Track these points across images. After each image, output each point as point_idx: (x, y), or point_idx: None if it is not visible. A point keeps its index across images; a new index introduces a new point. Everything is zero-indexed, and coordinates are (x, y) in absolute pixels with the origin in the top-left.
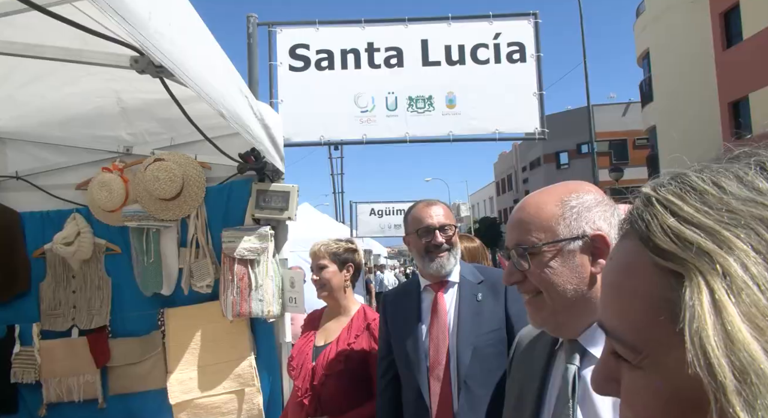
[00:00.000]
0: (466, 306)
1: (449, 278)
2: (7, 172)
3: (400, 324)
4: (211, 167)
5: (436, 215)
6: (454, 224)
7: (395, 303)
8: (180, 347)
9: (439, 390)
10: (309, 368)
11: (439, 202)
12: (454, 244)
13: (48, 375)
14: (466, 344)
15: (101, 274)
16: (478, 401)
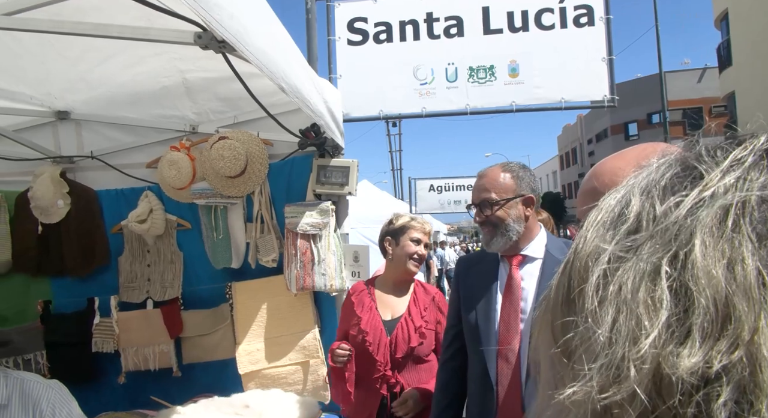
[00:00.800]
0: (546, 284)
1: (526, 252)
2: (83, 152)
3: (472, 295)
4: (273, 144)
5: (475, 189)
6: (494, 198)
7: (469, 271)
8: (247, 319)
9: (509, 372)
10: (386, 342)
11: (486, 172)
12: (498, 221)
13: (125, 345)
14: None
15: (173, 249)
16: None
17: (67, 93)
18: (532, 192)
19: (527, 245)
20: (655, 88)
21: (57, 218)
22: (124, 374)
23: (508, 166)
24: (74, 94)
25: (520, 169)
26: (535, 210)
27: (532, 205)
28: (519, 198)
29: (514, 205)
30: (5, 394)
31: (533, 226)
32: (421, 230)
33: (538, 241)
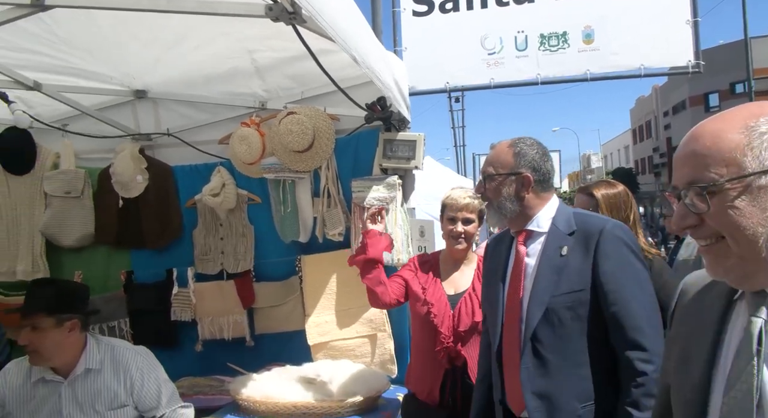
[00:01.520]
0: (546, 260)
1: (531, 227)
2: (160, 129)
3: (488, 273)
4: (339, 119)
5: (484, 161)
6: (491, 172)
7: (491, 249)
8: (316, 291)
9: (510, 349)
10: (450, 315)
11: (495, 145)
12: (491, 196)
13: (202, 314)
14: (538, 303)
15: (245, 222)
16: (547, 368)
17: (144, 73)
18: (533, 172)
19: (532, 221)
20: (739, 56)
21: (136, 192)
22: (201, 342)
23: (518, 141)
24: (150, 74)
25: (528, 146)
26: (541, 190)
27: (528, 185)
28: (513, 176)
29: (509, 183)
30: (98, 359)
31: (536, 204)
32: (455, 208)
33: (544, 215)
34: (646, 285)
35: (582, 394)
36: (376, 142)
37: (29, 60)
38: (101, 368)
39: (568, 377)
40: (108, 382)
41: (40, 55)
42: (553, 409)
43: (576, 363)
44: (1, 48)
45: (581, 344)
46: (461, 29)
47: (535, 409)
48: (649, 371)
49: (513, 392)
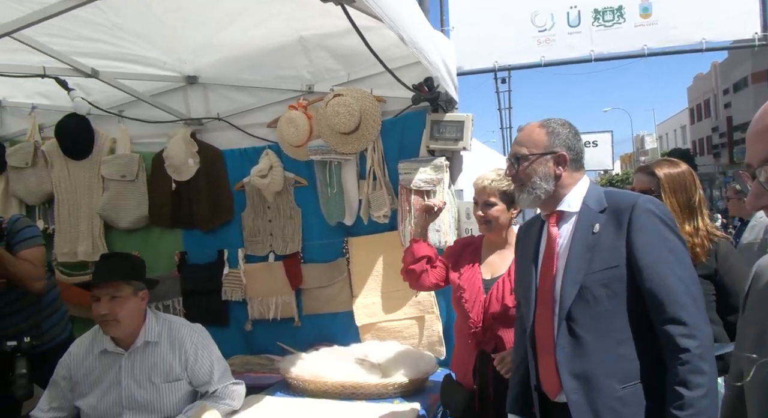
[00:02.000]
0: (578, 239)
1: (562, 208)
2: (209, 114)
3: (520, 256)
4: (386, 101)
5: (512, 143)
6: (524, 153)
7: (523, 234)
8: (363, 273)
9: (543, 333)
10: (482, 301)
11: (523, 126)
12: (525, 177)
13: (251, 294)
14: (571, 282)
15: (292, 205)
16: (584, 347)
17: (195, 58)
18: (567, 150)
19: (563, 201)
20: None
21: (188, 175)
22: (250, 322)
23: (547, 122)
24: (201, 59)
25: (560, 125)
26: (574, 169)
27: (564, 163)
28: (550, 155)
29: (544, 162)
30: (156, 332)
31: (568, 183)
32: (476, 191)
33: (574, 194)
34: (684, 258)
35: (622, 374)
36: (423, 123)
37: (87, 47)
38: (159, 341)
39: (606, 356)
40: (164, 355)
41: (97, 42)
42: (591, 389)
43: (614, 342)
44: (61, 37)
45: (620, 322)
46: (510, 7)
47: (573, 390)
48: (692, 346)
49: (547, 375)
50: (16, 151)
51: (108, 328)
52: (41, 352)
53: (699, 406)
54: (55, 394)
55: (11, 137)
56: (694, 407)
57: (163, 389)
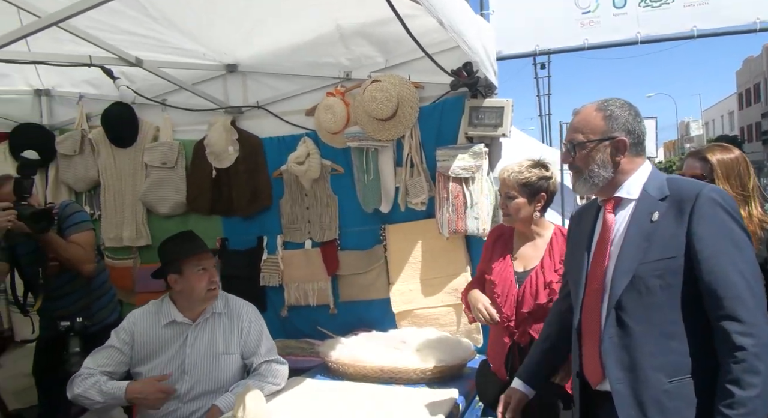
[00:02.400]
0: (635, 227)
1: (620, 194)
2: (248, 102)
3: (573, 242)
4: (424, 87)
5: (568, 128)
6: (580, 139)
7: (577, 219)
8: (400, 260)
9: (589, 322)
10: (514, 295)
11: (579, 110)
12: (582, 164)
13: (288, 280)
14: (624, 271)
15: (329, 192)
16: (632, 338)
17: (234, 48)
18: (627, 134)
19: (621, 187)
20: None
21: (228, 163)
22: (287, 308)
23: (605, 104)
24: (240, 49)
25: (619, 107)
26: (635, 153)
27: (624, 149)
28: (608, 141)
29: (602, 149)
30: (221, 304)
31: (629, 169)
32: (500, 182)
33: (635, 181)
34: (748, 252)
35: (671, 367)
36: (462, 109)
37: (130, 40)
38: (222, 313)
39: (654, 348)
40: (226, 327)
41: (138, 36)
42: (637, 381)
43: (665, 334)
44: (105, 31)
45: (672, 315)
46: None
47: (618, 380)
48: (749, 345)
49: (591, 363)
50: (65, 140)
51: (213, 296)
52: (92, 332)
53: (750, 406)
54: (110, 359)
55: (60, 126)
56: (745, 406)
57: (221, 361)
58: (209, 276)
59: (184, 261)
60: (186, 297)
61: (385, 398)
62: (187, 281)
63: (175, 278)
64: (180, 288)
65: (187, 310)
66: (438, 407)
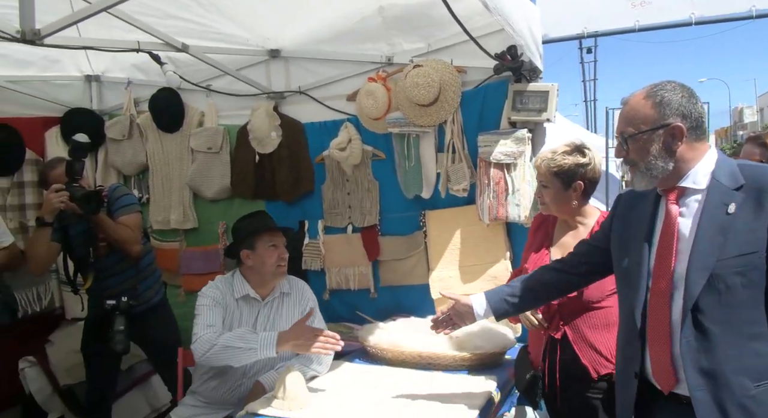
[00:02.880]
0: (708, 220)
1: (684, 183)
2: (290, 87)
3: (626, 230)
4: (466, 71)
5: (618, 120)
6: (631, 131)
7: (629, 205)
8: (440, 246)
9: (657, 319)
10: None
11: (627, 99)
12: (637, 158)
13: (330, 265)
14: (700, 269)
15: (370, 178)
16: (712, 341)
17: (276, 33)
18: (683, 119)
19: (686, 176)
20: None
21: (270, 148)
22: (328, 291)
23: (654, 90)
24: (283, 33)
25: (670, 91)
26: (695, 138)
27: (681, 135)
28: (661, 130)
29: (656, 139)
30: (288, 285)
31: (690, 157)
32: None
33: (700, 169)
34: None
35: (756, 371)
36: (505, 94)
37: (176, 26)
38: (291, 292)
39: (737, 351)
40: (292, 306)
41: (184, 21)
42: (719, 387)
43: (748, 336)
44: (152, 16)
45: (755, 314)
46: None
47: (697, 387)
48: None
49: (660, 368)
50: (113, 125)
51: (281, 272)
52: (137, 312)
53: None
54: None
55: (109, 111)
56: None
57: None
58: (279, 253)
59: (257, 237)
60: (257, 272)
61: (422, 384)
62: (258, 256)
63: (248, 252)
64: (252, 263)
65: (258, 286)
66: (475, 394)
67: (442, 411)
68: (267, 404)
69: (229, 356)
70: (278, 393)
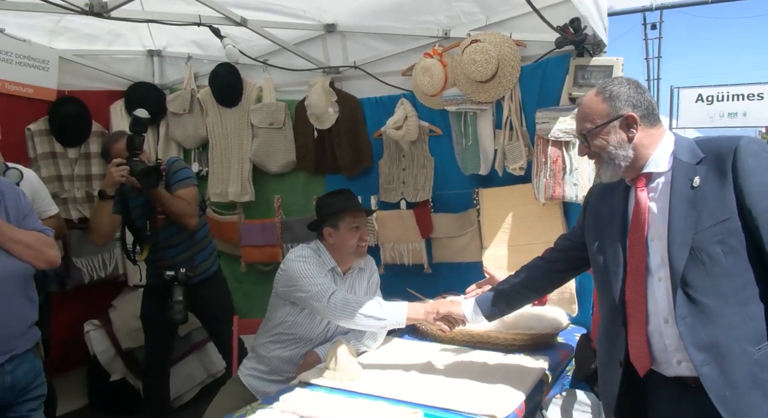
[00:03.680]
0: (678, 197)
1: (648, 169)
2: (346, 62)
3: (599, 222)
4: (526, 45)
5: (576, 120)
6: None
7: (600, 197)
8: (493, 225)
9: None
10: None
11: (582, 99)
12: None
13: (383, 240)
14: (681, 243)
15: (425, 154)
16: (707, 314)
17: (333, 6)
18: (633, 109)
19: (649, 162)
20: None
21: (328, 124)
22: (383, 266)
23: (603, 87)
24: (339, 6)
25: (617, 85)
26: (649, 124)
27: (634, 124)
28: (616, 121)
29: (612, 131)
30: (364, 261)
31: (648, 142)
32: None
33: (660, 152)
34: None
35: (754, 335)
36: (566, 69)
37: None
38: (366, 267)
39: (733, 320)
40: (361, 282)
41: None
42: (723, 358)
43: (740, 302)
44: None
45: (743, 280)
46: None
47: (703, 362)
48: None
49: (637, 349)
50: (174, 99)
51: (361, 253)
52: (194, 283)
53: None
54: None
55: (170, 85)
56: None
57: None
58: (361, 234)
59: (341, 217)
60: (337, 250)
61: (472, 362)
62: (340, 235)
63: (331, 231)
64: (333, 241)
65: (340, 262)
66: (526, 374)
67: (491, 389)
68: (319, 375)
69: (363, 325)
70: (329, 365)
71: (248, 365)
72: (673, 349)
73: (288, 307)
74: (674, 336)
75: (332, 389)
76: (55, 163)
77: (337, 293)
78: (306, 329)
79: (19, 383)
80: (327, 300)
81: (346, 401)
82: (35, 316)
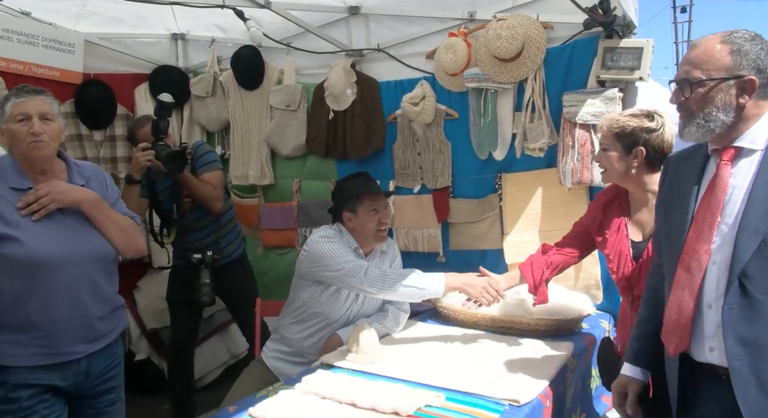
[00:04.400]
0: (763, 182)
1: (740, 143)
2: (369, 44)
3: (672, 196)
4: (553, 27)
5: (681, 63)
6: (698, 77)
7: (677, 167)
8: (516, 211)
9: (685, 289)
10: (630, 267)
11: (699, 42)
12: (696, 106)
13: (399, 225)
14: (751, 233)
15: (441, 138)
16: (756, 310)
17: None
18: (757, 73)
19: (743, 135)
20: None
21: (345, 105)
22: None
23: (732, 36)
24: None
25: (750, 40)
26: (763, 96)
27: (752, 90)
28: (733, 80)
29: (725, 89)
30: (386, 244)
31: (753, 114)
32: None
33: (759, 129)
34: None
35: None
36: (594, 51)
37: None
38: (388, 250)
39: None
40: (385, 265)
41: None
42: (760, 358)
43: None
44: None
45: None
46: None
47: (736, 356)
48: None
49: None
50: (198, 82)
51: (381, 237)
52: (219, 266)
53: None
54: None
55: (194, 69)
56: None
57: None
58: (380, 217)
59: (359, 201)
60: (357, 234)
61: (495, 346)
62: (359, 219)
63: (350, 215)
64: (353, 226)
65: (362, 245)
66: (551, 360)
67: (514, 375)
68: (341, 357)
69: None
70: (352, 347)
71: (271, 347)
72: (710, 334)
73: (313, 287)
74: (714, 323)
75: (354, 371)
76: (81, 146)
77: (371, 267)
78: (329, 308)
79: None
80: (364, 274)
81: (368, 383)
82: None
